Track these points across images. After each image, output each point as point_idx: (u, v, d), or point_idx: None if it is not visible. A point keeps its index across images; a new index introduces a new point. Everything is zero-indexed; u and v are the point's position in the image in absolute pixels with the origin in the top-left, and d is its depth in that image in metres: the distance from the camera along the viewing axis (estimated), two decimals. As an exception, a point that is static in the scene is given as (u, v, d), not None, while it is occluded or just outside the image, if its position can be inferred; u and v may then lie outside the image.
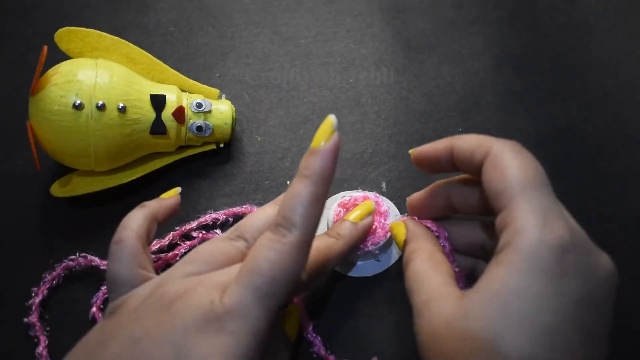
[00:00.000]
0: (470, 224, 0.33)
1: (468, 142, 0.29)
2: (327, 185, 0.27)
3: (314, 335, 0.35)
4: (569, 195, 0.42)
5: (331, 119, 0.28)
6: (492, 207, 0.28)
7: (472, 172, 0.30)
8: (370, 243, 0.36)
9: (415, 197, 0.35)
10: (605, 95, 0.45)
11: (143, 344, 0.25)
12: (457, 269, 0.31)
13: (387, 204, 0.38)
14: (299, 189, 0.27)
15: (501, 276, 0.25)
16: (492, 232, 0.30)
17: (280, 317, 0.33)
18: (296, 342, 0.34)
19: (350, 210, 0.36)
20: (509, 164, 0.27)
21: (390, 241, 0.37)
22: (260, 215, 0.31)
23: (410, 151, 0.33)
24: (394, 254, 0.38)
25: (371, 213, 0.36)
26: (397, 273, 0.37)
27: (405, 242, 0.33)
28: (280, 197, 0.33)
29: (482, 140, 0.29)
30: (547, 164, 0.42)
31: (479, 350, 0.24)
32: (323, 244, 0.33)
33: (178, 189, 0.36)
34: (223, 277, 0.27)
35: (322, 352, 0.34)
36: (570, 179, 0.41)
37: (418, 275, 0.30)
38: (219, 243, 0.29)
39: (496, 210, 0.27)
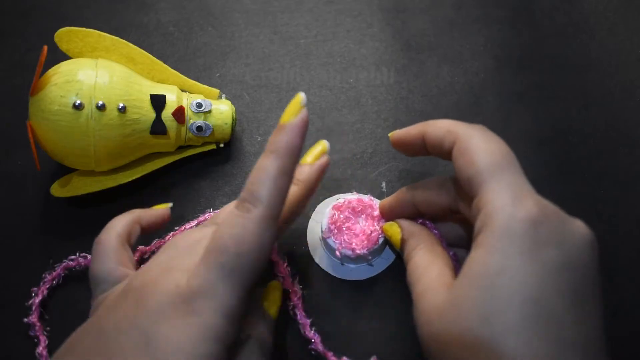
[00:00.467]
0: (434, 188, 0.33)
1: (438, 129, 0.30)
2: (294, 160, 0.27)
3: (313, 332, 0.35)
4: (569, 195, 0.42)
5: (300, 96, 0.28)
6: (467, 193, 0.28)
7: (443, 157, 0.30)
8: (364, 247, 0.35)
9: (385, 203, 0.36)
10: (605, 95, 0.45)
11: (112, 335, 0.25)
12: (451, 253, 0.33)
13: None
14: (265, 163, 0.27)
15: (481, 258, 0.25)
16: (456, 191, 0.32)
17: (259, 294, 0.33)
18: (279, 321, 0.33)
19: (345, 213, 0.36)
20: (476, 149, 0.28)
21: (383, 245, 0.37)
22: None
23: (389, 134, 0.34)
24: (388, 257, 0.38)
25: (325, 152, 0.34)
26: (393, 276, 0.37)
27: (403, 240, 0.33)
28: None
29: (451, 127, 0.29)
30: (547, 164, 0.42)
31: (471, 335, 0.24)
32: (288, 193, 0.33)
33: (169, 205, 0.37)
34: (190, 261, 0.26)
35: (321, 348, 0.34)
36: (570, 179, 0.41)
37: (418, 269, 0.30)
38: (190, 231, 0.30)
39: (470, 197, 0.28)
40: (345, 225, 0.36)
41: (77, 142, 0.36)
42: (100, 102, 0.36)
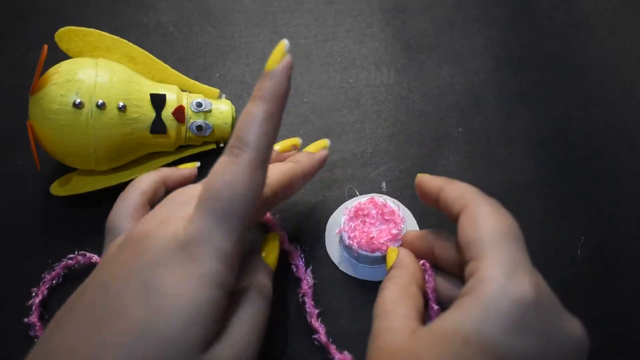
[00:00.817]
0: (454, 243, 0.32)
1: (453, 191, 0.30)
2: (280, 105, 0.27)
3: (319, 323, 0.35)
4: (569, 195, 0.42)
5: (283, 42, 0.28)
6: (463, 257, 0.27)
7: (450, 218, 0.30)
8: (384, 247, 0.35)
9: (409, 235, 0.35)
10: (605, 95, 0.45)
11: (112, 285, 0.25)
12: (436, 307, 0.31)
13: (403, 213, 0.37)
14: (251, 109, 0.27)
15: (456, 319, 0.24)
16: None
17: (258, 243, 0.33)
18: (277, 272, 0.33)
19: (361, 215, 0.36)
20: (483, 216, 0.27)
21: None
22: None
23: (418, 175, 0.34)
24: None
25: (326, 147, 0.37)
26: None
27: (391, 267, 0.33)
28: None
29: (465, 193, 0.29)
30: (547, 164, 0.42)
31: None
32: (284, 166, 0.33)
33: (197, 164, 0.37)
34: (186, 210, 0.27)
35: (324, 339, 0.34)
36: (570, 179, 0.41)
37: (386, 304, 0.29)
38: (187, 187, 0.30)
39: (466, 259, 0.27)
40: (366, 225, 0.36)
41: (77, 141, 0.36)
42: (100, 101, 0.36)
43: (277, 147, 0.36)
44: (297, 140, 0.38)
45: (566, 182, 0.41)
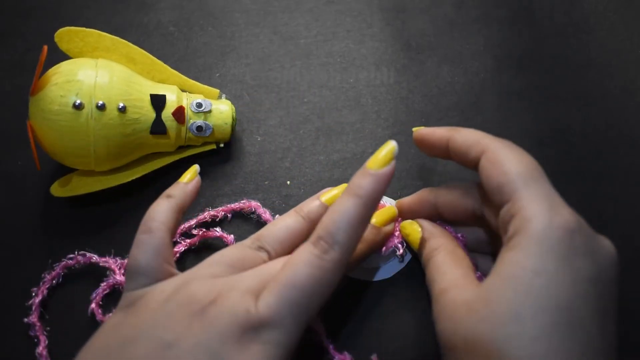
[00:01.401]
0: (459, 192, 0.33)
1: (466, 137, 0.30)
2: (374, 209, 0.28)
3: (319, 323, 0.35)
4: (569, 195, 0.42)
5: (392, 145, 0.28)
6: (493, 201, 0.28)
7: (465, 164, 0.31)
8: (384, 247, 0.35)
9: (404, 201, 0.36)
10: (605, 95, 0.45)
11: (175, 350, 0.24)
12: (474, 265, 0.32)
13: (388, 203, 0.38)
14: (348, 206, 0.27)
15: (517, 259, 0.25)
16: (480, 197, 0.32)
17: None
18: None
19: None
20: (507, 159, 0.28)
21: (394, 251, 0.37)
22: (280, 226, 0.31)
23: (413, 129, 0.34)
24: (397, 263, 0.37)
25: (394, 219, 0.35)
26: (395, 278, 0.37)
27: (423, 239, 0.33)
28: (301, 206, 0.32)
29: (479, 138, 0.30)
30: (547, 164, 0.42)
31: (501, 330, 0.25)
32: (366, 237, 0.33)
33: (197, 168, 0.34)
34: (254, 282, 0.26)
35: (324, 340, 0.34)
36: (570, 179, 0.41)
37: (441, 267, 0.30)
38: (243, 249, 0.29)
39: (498, 203, 0.28)
40: None
41: (77, 142, 0.36)
42: (100, 102, 0.36)
43: (374, 220, 0.34)
44: (394, 213, 0.35)
45: (566, 182, 0.41)
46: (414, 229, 0.34)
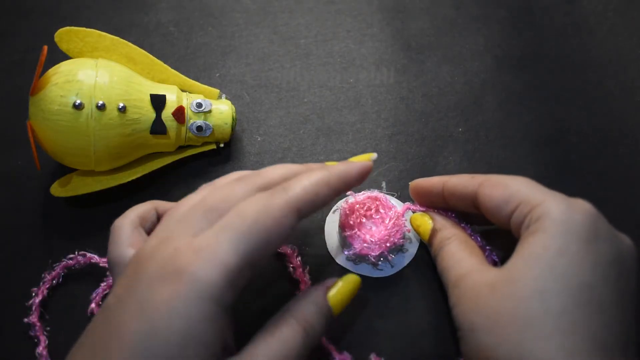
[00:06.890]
0: (465, 178, 0.34)
1: (459, 179, 0.33)
2: (341, 184, 0.28)
3: None
4: (569, 195, 0.42)
5: (372, 154, 0.33)
6: (499, 217, 0.30)
7: (462, 203, 0.33)
8: (388, 243, 0.36)
9: (418, 180, 0.36)
10: (605, 95, 0.45)
11: (114, 309, 0.25)
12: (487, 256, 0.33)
13: (395, 203, 0.38)
14: (313, 171, 0.28)
15: (540, 240, 0.27)
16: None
17: (328, 285, 0.31)
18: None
19: (356, 211, 0.37)
20: (505, 179, 0.30)
21: (395, 251, 0.37)
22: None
23: (410, 183, 0.36)
24: (399, 263, 0.37)
25: (370, 159, 0.32)
26: (395, 277, 0.37)
27: (434, 230, 0.34)
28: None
29: (472, 176, 0.32)
30: (547, 164, 0.42)
31: (526, 306, 0.25)
32: (314, 173, 0.29)
33: None
34: (187, 225, 0.26)
35: (324, 340, 0.34)
36: (570, 179, 0.41)
37: (456, 254, 0.31)
38: (183, 200, 0.30)
39: (506, 215, 0.29)
40: (363, 222, 0.37)
41: (77, 142, 0.36)
42: (100, 102, 0.36)
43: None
44: (370, 156, 0.34)
45: (566, 182, 0.41)
46: (424, 220, 0.35)
